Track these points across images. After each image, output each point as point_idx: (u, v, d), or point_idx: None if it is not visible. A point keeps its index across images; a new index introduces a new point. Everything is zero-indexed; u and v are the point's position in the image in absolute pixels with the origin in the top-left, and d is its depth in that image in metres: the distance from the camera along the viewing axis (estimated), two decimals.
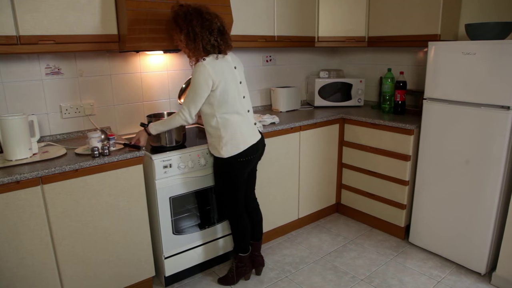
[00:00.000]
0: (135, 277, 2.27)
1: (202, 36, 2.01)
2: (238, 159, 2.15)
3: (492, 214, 2.37)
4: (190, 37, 2.02)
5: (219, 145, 2.14)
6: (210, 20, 2.04)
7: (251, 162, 2.24)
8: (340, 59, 3.94)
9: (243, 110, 2.18)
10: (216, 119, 2.11)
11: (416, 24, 2.86)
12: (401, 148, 2.81)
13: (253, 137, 2.20)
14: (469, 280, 2.47)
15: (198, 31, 2.01)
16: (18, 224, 1.81)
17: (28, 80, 2.27)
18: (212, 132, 2.17)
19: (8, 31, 1.89)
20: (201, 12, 2.03)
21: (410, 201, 2.90)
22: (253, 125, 2.24)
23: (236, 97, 2.14)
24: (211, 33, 2.03)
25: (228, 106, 2.10)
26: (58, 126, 2.42)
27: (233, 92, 2.11)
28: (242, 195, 2.31)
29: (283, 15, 3.02)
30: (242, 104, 2.18)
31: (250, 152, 2.18)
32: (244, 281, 2.48)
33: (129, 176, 2.12)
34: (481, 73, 2.29)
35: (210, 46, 2.04)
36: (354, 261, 2.71)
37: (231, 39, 2.16)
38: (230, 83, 2.10)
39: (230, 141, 2.12)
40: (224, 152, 2.13)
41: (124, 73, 2.61)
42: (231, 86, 2.11)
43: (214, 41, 2.04)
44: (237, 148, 2.13)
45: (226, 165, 2.18)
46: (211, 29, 2.03)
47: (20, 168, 1.84)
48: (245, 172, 2.25)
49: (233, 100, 2.12)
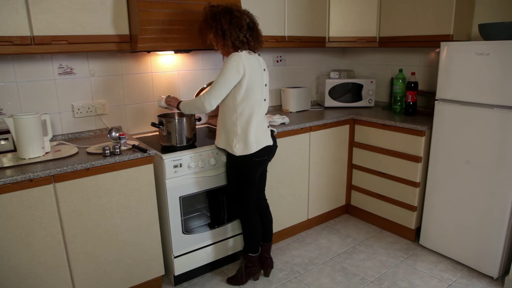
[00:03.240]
0: (144, 276, 2.29)
1: (231, 32, 2.05)
2: (252, 159, 2.16)
3: (506, 217, 2.33)
4: (219, 34, 2.07)
5: (233, 142, 2.15)
6: (239, 17, 2.07)
7: (264, 163, 2.26)
8: (350, 60, 3.92)
9: (262, 112, 2.21)
10: (237, 114, 2.12)
11: (428, 24, 2.83)
12: (412, 149, 2.78)
13: (266, 138, 2.21)
14: (481, 284, 2.43)
15: (226, 28, 2.04)
16: (31, 222, 1.84)
17: (41, 80, 2.30)
18: (229, 127, 2.16)
19: (23, 32, 1.92)
20: (230, 10, 2.07)
21: (421, 203, 2.87)
22: (266, 128, 2.25)
23: (259, 97, 2.16)
24: (240, 30, 2.06)
25: (250, 104, 2.12)
26: (70, 125, 2.45)
27: (257, 91, 2.14)
28: (254, 195, 2.32)
29: (293, 16, 3.02)
30: (263, 106, 2.21)
31: (263, 153, 2.19)
32: (253, 281, 2.48)
33: (140, 176, 2.14)
34: (495, 74, 2.26)
35: (239, 42, 2.07)
36: (364, 263, 2.69)
37: (261, 35, 2.19)
38: (257, 81, 2.13)
39: (243, 140, 2.13)
40: (237, 149, 2.14)
41: (135, 73, 2.63)
42: (257, 85, 2.13)
43: (243, 37, 2.07)
44: (249, 148, 2.13)
45: (239, 163, 2.19)
46: (240, 26, 2.06)
47: (33, 167, 1.87)
48: (257, 172, 2.26)
49: (256, 99, 2.14)
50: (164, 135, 2.30)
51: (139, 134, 2.69)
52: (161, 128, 2.29)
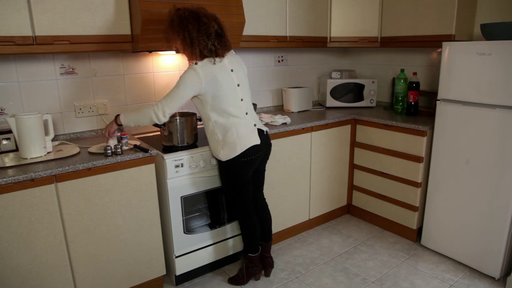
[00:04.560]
0: (146, 276, 2.29)
1: (199, 41, 1.98)
2: (239, 159, 2.13)
3: (507, 217, 2.32)
4: (187, 42, 1.99)
5: (217, 149, 2.14)
6: (207, 23, 1.99)
7: (253, 162, 2.20)
8: (352, 60, 3.91)
9: (241, 113, 2.14)
10: (212, 123, 2.11)
11: (430, 24, 2.82)
12: (414, 149, 2.78)
13: (251, 138, 2.15)
14: (483, 284, 2.43)
15: (194, 36, 1.97)
16: (32, 221, 1.84)
17: (43, 80, 2.30)
18: (209, 136, 2.17)
19: (25, 32, 1.92)
20: (198, 15, 1.99)
21: (422, 203, 2.87)
22: (252, 127, 2.19)
23: (231, 100, 2.09)
24: (208, 37, 1.99)
25: (222, 109, 2.07)
26: (72, 125, 2.46)
27: (227, 96, 2.07)
28: (249, 195, 2.30)
29: (295, 16, 3.02)
30: (240, 106, 2.14)
31: (250, 153, 2.14)
32: (254, 281, 2.48)
33: (141, 175, 2.14)
34: (497, 74, 2.26)
35: (207, 51, 2.00)
36: (365, 263, 2.69)
37: (229, 40, 2.12)
38: (224, 87, 2.05)
39: (227, 145, 2.11)
40: (222, 155, 2.13)
41: (137, 73, 2.64)
42: (225, 90, 2.06)
43: (211, 45, 2.00)
44: (234, 151, 2.10)
45: (228, 166, 2.18)
46: (209, 33, 1.99)
47: (35, 166, 1.87)
48: (248, 172, 2.23)
49: (227, 104, 2.08)
50: (165, 135, 2.30)
51: (141, 134, 2.69)
52: (162, 128, 2.29)
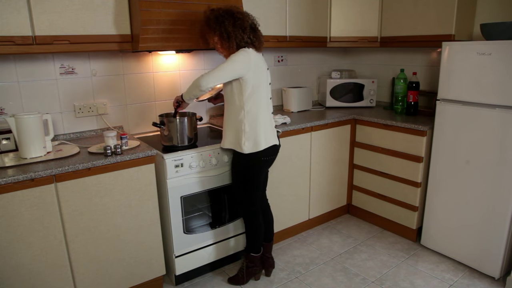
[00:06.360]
0: (146, 276, 2.29)
1: (236, 34, 2.06)
2: (261, 157, 2.17)
3: (507, 217, 2.32)
4: (224, 37, 2.08)
5: (241, 140, 2.15)
6: (242, 18, 2.08)
7: (271, 162, 2.27)
8: (352, 60, 3.91)
9: (269, 110, 2.22)
10: (244, 112, 2.12)
11: (430, 24, 2.82)
12: (414, 149, 2.78)
13: (273, 137, 2.23)
14: (483, 284, 2.43)
15: (231, 30, 2.06)
16: (32, 221, 1.84)
17: (43, 80, 2.30)
18: (236, 126, 2.16)
19: (25, 32, 1.92)
20: (232, 12, 2.08)
21: (422, 203, 2.87)
22: (273, 127, 2.27)
23: (266, 96, 2.18)
24: (244, 31, 2.08)
25: (257, 101, 2.13)
26: (72, 125, 2.45)
27: (263, 89, 2.16)
28: (259, 194, 2.33)
29: (295, 15, 3.02)
30: (269, 104, 2.23)
31: (271, 153, 2.21)
32: (254, 281, 2.48)
33: (141, 175, 2.14)
34: (497, 74, 2.26)
35: (244, 43, 2.09)
36: (365, 263, 2.69)
37: (263, 37, 2.20)
38: (263, 79, 2.15)
39: (252, 137, 2.14)
40: (246, 147, 2.14)
41: (136, 73, 2.64)
42: (263, 83, 2.16)
43: (247, 38, 2.09)
44: (258, 145, 2.14)
45: (248, 162, 2.19)
46: (244, 27, 2.08)
47: (35, 166, 1.87)
48: (264, 171, 2.28)
49: (262, 97, 2.15)
50: (165, 135, 2.30)
51: (141, 134, 2.69)
52: (162, 128, 2.29)
